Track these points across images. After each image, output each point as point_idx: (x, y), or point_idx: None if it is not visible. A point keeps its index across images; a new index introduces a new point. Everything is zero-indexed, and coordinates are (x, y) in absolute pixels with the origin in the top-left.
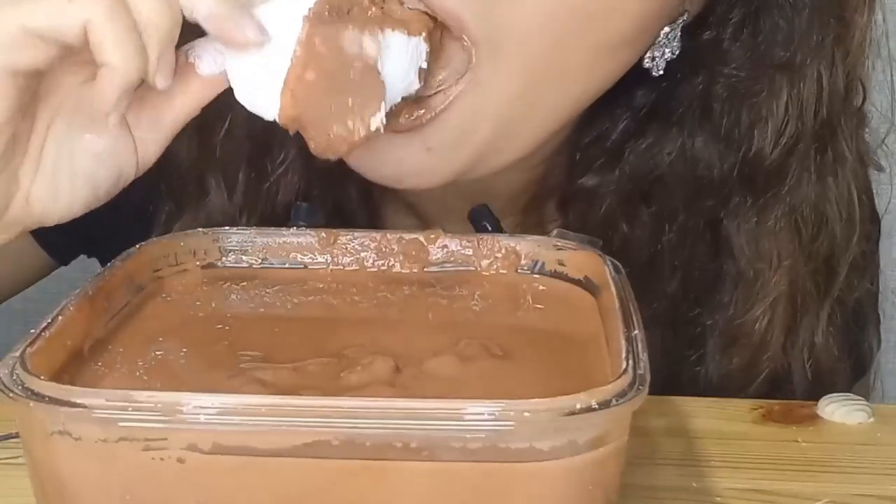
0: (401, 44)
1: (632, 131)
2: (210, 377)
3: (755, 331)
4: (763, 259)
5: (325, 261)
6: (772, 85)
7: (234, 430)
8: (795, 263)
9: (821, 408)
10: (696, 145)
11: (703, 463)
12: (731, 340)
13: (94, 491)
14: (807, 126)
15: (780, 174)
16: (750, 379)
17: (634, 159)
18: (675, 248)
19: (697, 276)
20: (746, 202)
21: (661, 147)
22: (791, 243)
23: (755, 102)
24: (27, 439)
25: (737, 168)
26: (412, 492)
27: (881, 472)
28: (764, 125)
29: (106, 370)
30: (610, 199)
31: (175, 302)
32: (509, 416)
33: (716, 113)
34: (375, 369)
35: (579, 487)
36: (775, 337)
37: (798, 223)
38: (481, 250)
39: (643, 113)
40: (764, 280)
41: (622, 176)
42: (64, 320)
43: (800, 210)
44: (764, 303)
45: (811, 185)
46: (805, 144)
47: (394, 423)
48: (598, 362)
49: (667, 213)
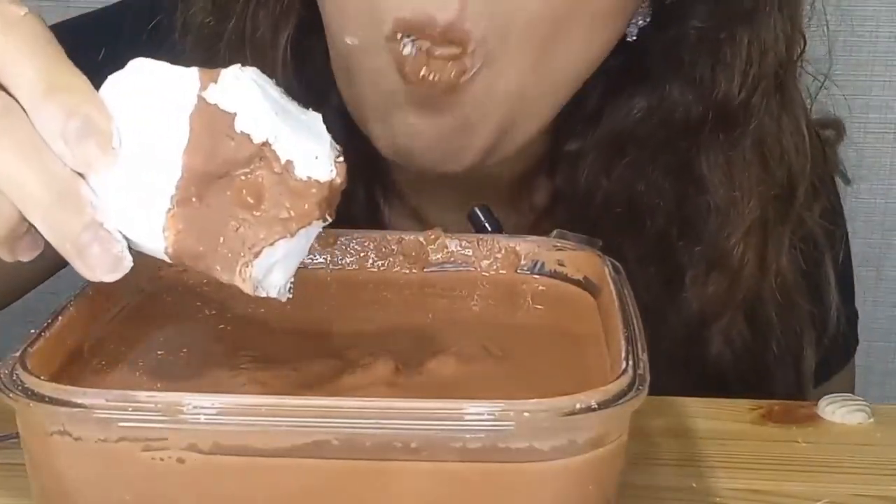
0: (281, 254)
1: (606, 92)
2: (210, 377)
3: (733, 255)
4: (737, 189)
5: (324, 261)
6: (734, 34)
7: (234, 430)
8: (766, 189)
9: (821, 408)
10: (670, 94)
11: (702, 463)
12: (711, 267)
13: (94, 491)
14: (767, 68)
15: (746, 112)
16: (728, 303)
17: (612, 117)
18: (655, 190)
19: (677, 214)
20: (719, 139)
21: (635, 101)
22: (760, 172)
23: (721, 51)
24: (27, 439)
25: (708, 110)
26: (412, 492)
27: (881, 472)
28: (730, 70)
29: (106, 370)
30: (591, 157)
31: (175, 302)
32: (509, 416)
33: (686, 63)
34: (375, 369)
35: (579, 487)
36: (751, 259)
37: (764, 154)
38: (481, 251)
39: (615, 75)
40: (739, 208)
41: (602, 135)
42: (64, 320)
43: (765, 142)
44: (741, 228)
45: (773, 120)
46: (766, 84)
47: (394, 423)
48: (597, 362)
49: (643, 159)
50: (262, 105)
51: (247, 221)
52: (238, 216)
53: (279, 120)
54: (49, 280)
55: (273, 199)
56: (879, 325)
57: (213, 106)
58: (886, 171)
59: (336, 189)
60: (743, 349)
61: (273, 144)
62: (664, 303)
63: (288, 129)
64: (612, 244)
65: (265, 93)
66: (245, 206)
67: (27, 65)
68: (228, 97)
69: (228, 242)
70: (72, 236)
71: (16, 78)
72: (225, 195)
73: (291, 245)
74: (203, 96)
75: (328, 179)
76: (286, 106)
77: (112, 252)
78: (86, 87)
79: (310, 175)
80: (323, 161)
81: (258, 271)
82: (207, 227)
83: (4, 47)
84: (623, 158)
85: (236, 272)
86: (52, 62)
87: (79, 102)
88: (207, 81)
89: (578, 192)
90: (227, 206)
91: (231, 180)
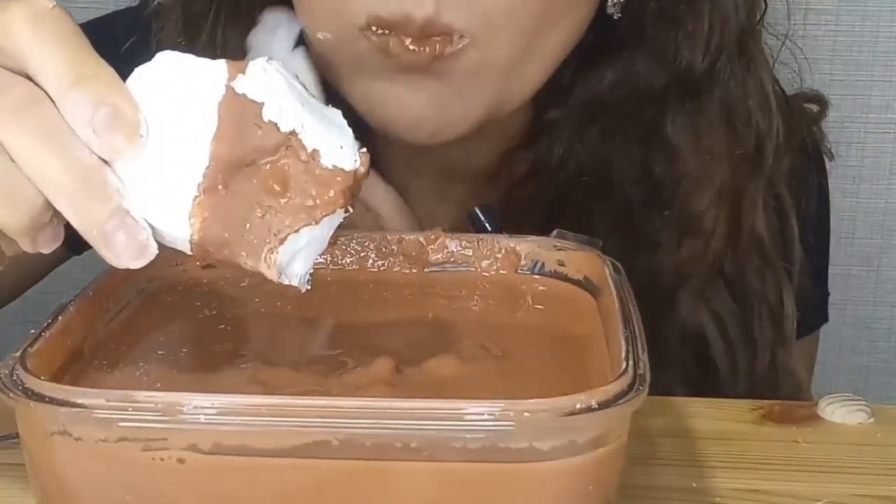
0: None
1: (581, 65)
2: (210, 377)
3: (704, 218)
4: (705, 153)
5: (324, 261)
6: (694, 4)
7: (234, 430)
8: (732, 151)
9: (821, 408)
10: (635, 65)
11: (703, 463)
12: (682, 232)
13: (94, 491)
14: (728, 35)
15: (710, 79)
16: (700, 265)
17: (583, 88)
18: (624, 158)
19: (647, 181)
20: (685, 106)
21: (604, 73)
22: (726, 135)
23: (682, 21)
24: (27, 440)
25: (673, 79)
26: (412, 492)
27: (881, 472)
28: (692, 39)
29: (106, 370)
30: (566, 126)
31: (175, 302)
32: (509, 416)
33: (648, 35)
34: (375, 369)
35: (579, 487)
36: (722, 221)
37: (731, 118)
38: (481, 251)
39: (589, 48)
40: (709, 171)
41: (574, 105)
42: (64, 320)
43: (731, 107)
44: (711, 190)
45: (737, 84)
46: (729, 51)
47: (394, 423)
48: (598, 362)
49: (613, 127)
50: (288, 96)
51: (272, 209)
52: (264, 203)
53: (305, 111)
54: (49, 280)
55: (299, 187)
56: (879, 325)
57: (241, 96)
58: (886, 172)
59: (360, 178)
60: (730, 317)
61: (300, 134)
62: (636, 269)
63: (314, 120)
64: (583, 212)
65: (291, 85)
66: (271, 193)
67: (56, 56)
68: (256, 87)
69: (254, 229)
70: (98, 223)
71: (44, 68)
72: (251, 183)
73: (315, 233)
74: (232, 86)
75: (353, 168)
76: (310, 99)
77: (138, 239)
78: (113, 77)
79: (335, 164)
80: (347, 151)
81: (283, 258)
82: (233, 214)
83: (33, 39)
84: (595, 126)
85: (261, 258)
86: (81, 53)
87: (107, 92)
88: (236, 72)
89: (554, 161)
90: (253, 194)
91: (257, 168)
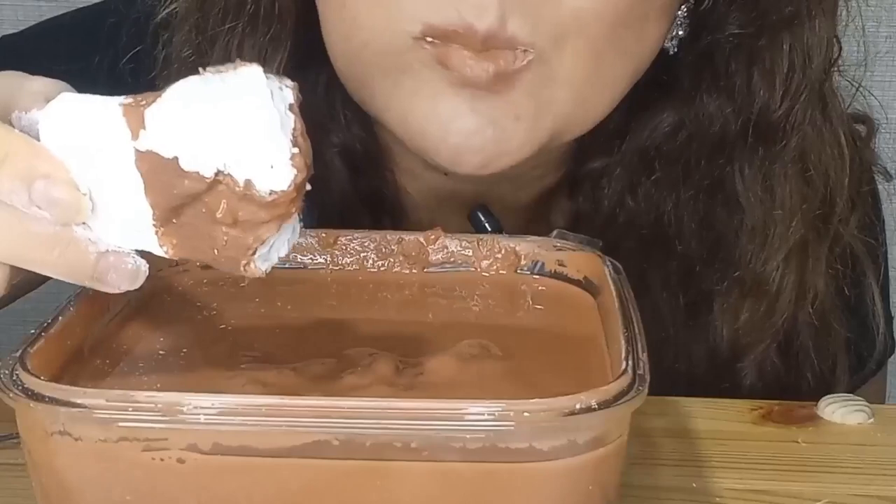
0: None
1: (634, 107)
2: (210, 377)
3: (771, 280)
4: (778, 207)
5: (325, 261)
6: (775, 39)
7: (234, 430)
8: (810, 208)
9: (821, 408)
10: (703, 107)
11: (702, 463)
12: (744, 293)
13: (94, 491)
14: (810, 75)
15: (788, 124)
16: (763, 332)
17: (638, 133)
18: (684, 211)
19: (708, 236)
20: (757, 154)
21: (664, 116)
22: (803, 189)
23: (760, 58)
24: (27, 439)
25: (748, 123)
26: (412, 492)
27: (881, 472)
28: (770, 78)
29: (106, 370)
30: (616, 175)
31: (175, 302)
32: (509, 416)
33: (721, 73)
34: (375, 369)
35: (579, 487)
36: (789, 286)
37: (806, 169)
38: (481, 251)
39: (642, 89)
40: (780, 228)
41: (627, 151)
42: (64, 320)
43: (808, 156)
44: (782, 251)
45: (815, 132)
46: (810, 93)
47: (394, 423)
48: (598, 362)
49: (673, 177)
50: (197, 140)
51: (230, 234)
52: (221, 230)
53: (221, 145)
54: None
55: (246, 212)
56: None
57: (151, 154)
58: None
59: (301, 183)
60: (774, 381)
61: (226, 170)
62: (691, 333)
63: (235, 149)
64: (636, 269)
65: (196, 117)
66: (224, 223)
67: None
68: (161, 140)
69: (223, 251)
70: (87, 275)
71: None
72: (202, 213)
73: (281, 233)
74: (136, 147)
75: (290, 183)
76: (225, 110)
77: (128, 269)
78: (30, 147)
79: (272, 188)
80: (280, 166)
81: (260, 262)
82: (198, 239)
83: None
84: (650, 176)
85: (241, 269)
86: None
87: (27, 166)
88: (137, 128)
89: (600, 214)
90: (208, 223)
91: (202, 203)
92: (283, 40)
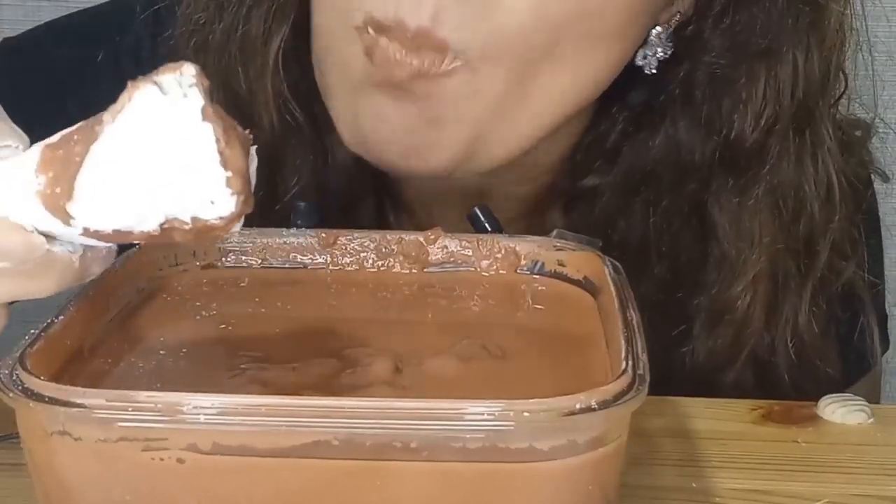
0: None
1: (628, 129)
2: (210, 377)
3: (737, 308)
4: (744, 238)
5: (324, 261)
6: (750, 71)
7: (234, 430)
8: (775, 241)
9: (821, 408)
10: (679, 132)
11: (702, 463)
12: (716, 318)
13: (94, 491)
14: (784, 109)
15: (760, 155)
16: (734, 356)
17: (630, 155)
18: (662, 233)
19: (684, 259)
20: (728, 183)
21: (652, 139)
22: (771, 222)
23: (735, 88)
24: (27, 439)
25: (718, 151)
26: (412, 492)
27: (881, 472)
28: (744, 109)
29: (106, 370)
30: (608, 195)
31: (175, 302)
32: (509, 416)
33: (697, 100)
34: (375, 369)
35: (579, 487)
36: (757, 313)
37: (778, 203)
38: (481, 251)
39: (638, 110)
40: (745, 258)
41: (619, 172)
42: (64, 320)
43: (780, 190)
44: (744, 279)
45: (791, 166)
46: (783, 126)
47: (394, 423)
48: (598, 362)
49: (653, 199)
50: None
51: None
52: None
53: (154, 205)
54: None
55: (202, 232)
56: None
57: (89, 230)
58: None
59: (246, 195)
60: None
61: (169, 218)
62: (670, 356)
63: (168, 202)
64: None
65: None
66: (184, 240)
67: None
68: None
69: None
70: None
71: None
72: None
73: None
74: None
75: (235, 204)
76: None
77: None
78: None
79: (218, 215)
80: (220, 199)
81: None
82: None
83: None
84: (640, 198)
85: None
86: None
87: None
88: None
89: (593, 231)
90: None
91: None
92: (286, 13)
